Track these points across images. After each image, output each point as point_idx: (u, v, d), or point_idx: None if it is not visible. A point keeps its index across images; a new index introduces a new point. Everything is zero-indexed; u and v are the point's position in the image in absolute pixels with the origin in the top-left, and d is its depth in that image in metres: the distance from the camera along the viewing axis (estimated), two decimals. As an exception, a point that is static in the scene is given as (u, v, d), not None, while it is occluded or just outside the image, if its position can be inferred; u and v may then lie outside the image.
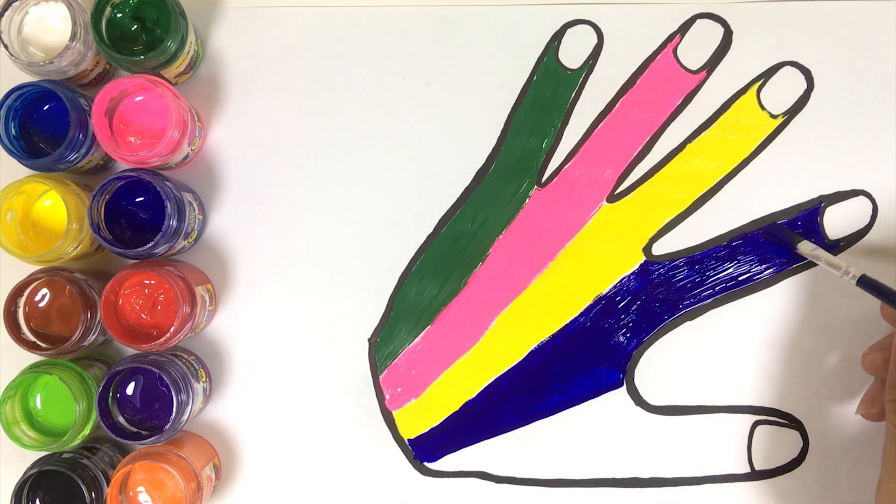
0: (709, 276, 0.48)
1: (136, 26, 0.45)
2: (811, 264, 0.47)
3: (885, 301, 0.43)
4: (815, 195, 0.48)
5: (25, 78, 0.45)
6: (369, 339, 0.49)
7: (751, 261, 0.48)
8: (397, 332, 0.48)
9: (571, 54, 0.49)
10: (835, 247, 0.48)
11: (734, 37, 0.48)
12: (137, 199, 0.46)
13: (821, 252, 0.46)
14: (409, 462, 0.48)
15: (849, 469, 0.47)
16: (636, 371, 0.48)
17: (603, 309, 0.48)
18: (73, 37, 0.43)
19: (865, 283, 0.43)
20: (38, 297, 0.45)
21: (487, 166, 0.48)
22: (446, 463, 0.48)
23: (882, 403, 0.44)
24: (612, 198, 0.48)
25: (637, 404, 0.48)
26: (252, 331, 0.49)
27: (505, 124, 0.49)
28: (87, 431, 0.45)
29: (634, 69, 0.48)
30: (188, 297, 0.44)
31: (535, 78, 0.49)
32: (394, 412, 0.48)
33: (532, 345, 0.48)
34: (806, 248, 0.46)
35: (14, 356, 0.47)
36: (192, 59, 0.47)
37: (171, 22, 0.44)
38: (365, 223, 0.49)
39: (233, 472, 0.48)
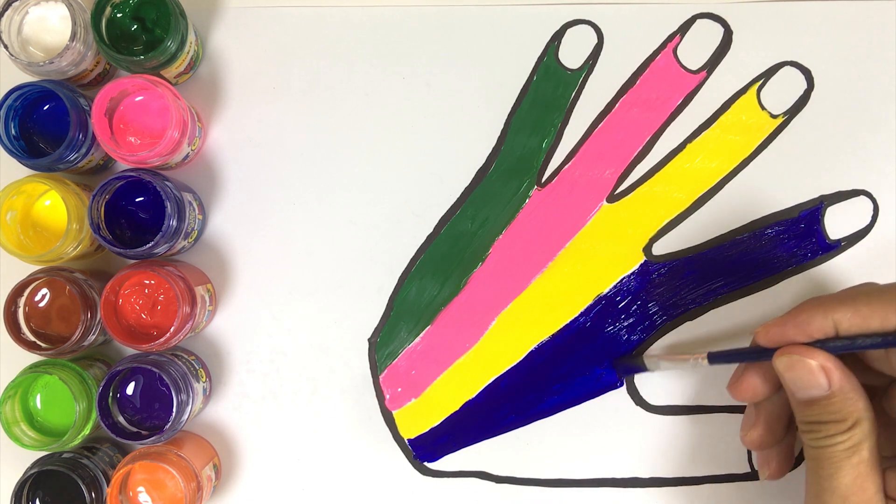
0: (709, 276, 0.48)
1: (136, 26, 0.45)
2: (811, 265, 0.47)
3: (742, 361, 0.43)
4: (815, 195, 0.48)
5: (25, 78, 0.45)
6: (369, 339, 0.49)
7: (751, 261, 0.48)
8: (397, 332, 0.48)
9: (571, 54, 0.49)
10: (836, 247, 0.48)
11: (734, 37, 0.48)
12: (137, 199, 0.46)
13: (663, 361, 0.45)
14: (409, 462, 0.48)
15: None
16: (636, 371, 0.48)
17: (603, 309, 0.48)
18: (73, 37, 0.43)
19: (714, 357, 0.42)
20: (38, 297, 0.45)
21: (487, 166, 0.48)
22: (446, 463, 0.48)
23: (762, 427, 0.43)
24: (612, 198, 0.48)
25: (637, 404, 0.48)
26: (252, 331, 0.49)
27: (505, 124, 0.49)
28: (87, 431, 0.45)
29: (634, 69, 0.48)
30: (188, 297, 0.44)
31: (535, 78, 0.49)
32: (394, 412, 0.48)
33: (532, 345, 0.48)
34: (652, 362, 0.45)
35: (14, 356, 0.47)
36: (192, 59, 0.47)
37: (171, 22, 0.44)
38: (365, 223, 0.49)
39: (233, 472, 0.48)
